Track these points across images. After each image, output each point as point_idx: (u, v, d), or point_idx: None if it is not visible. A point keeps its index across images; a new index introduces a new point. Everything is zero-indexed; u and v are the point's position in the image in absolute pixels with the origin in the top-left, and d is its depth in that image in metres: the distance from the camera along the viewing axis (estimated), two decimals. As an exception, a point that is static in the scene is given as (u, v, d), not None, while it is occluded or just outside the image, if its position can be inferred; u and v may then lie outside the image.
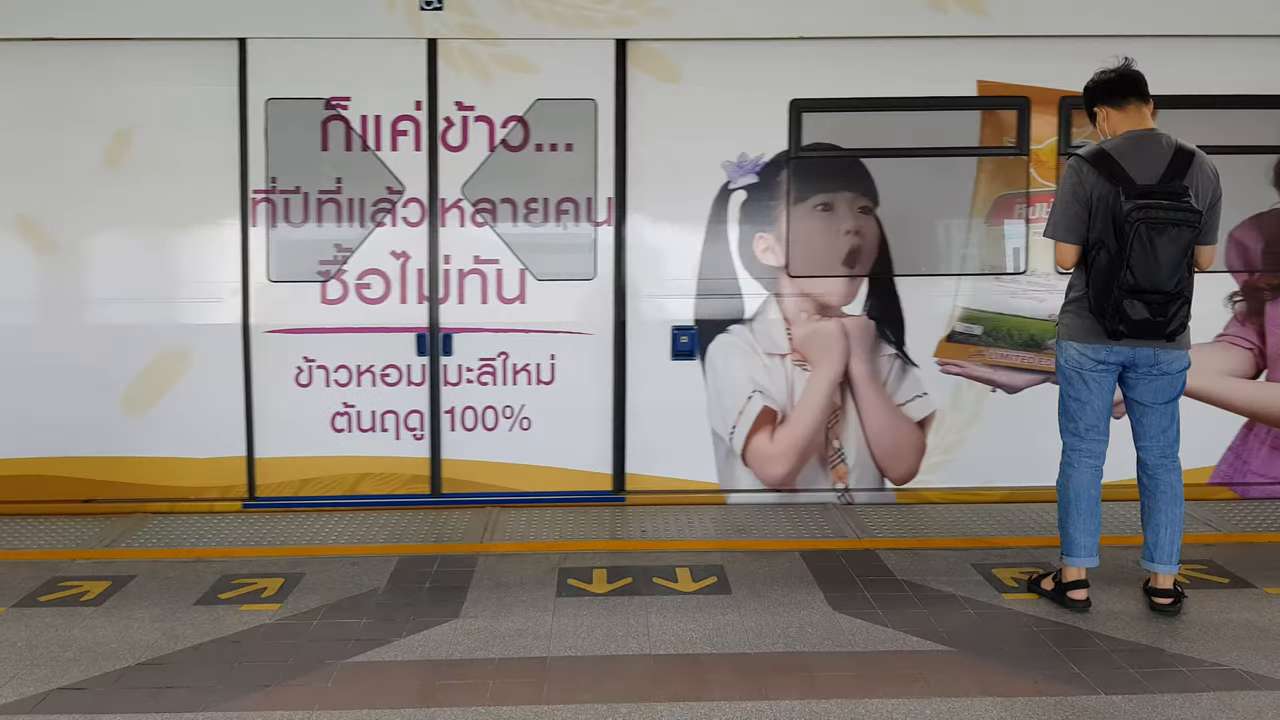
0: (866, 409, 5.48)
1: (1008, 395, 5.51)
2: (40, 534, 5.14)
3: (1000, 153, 5.44)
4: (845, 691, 3.40)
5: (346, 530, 5.15)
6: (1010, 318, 5.45)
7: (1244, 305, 5.51)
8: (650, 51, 5.36)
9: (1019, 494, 5.53)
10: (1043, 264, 5.42)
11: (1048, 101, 5.40)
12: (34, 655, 3.72)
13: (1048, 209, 5.23)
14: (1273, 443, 5.58)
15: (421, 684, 3.48)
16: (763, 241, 5.43)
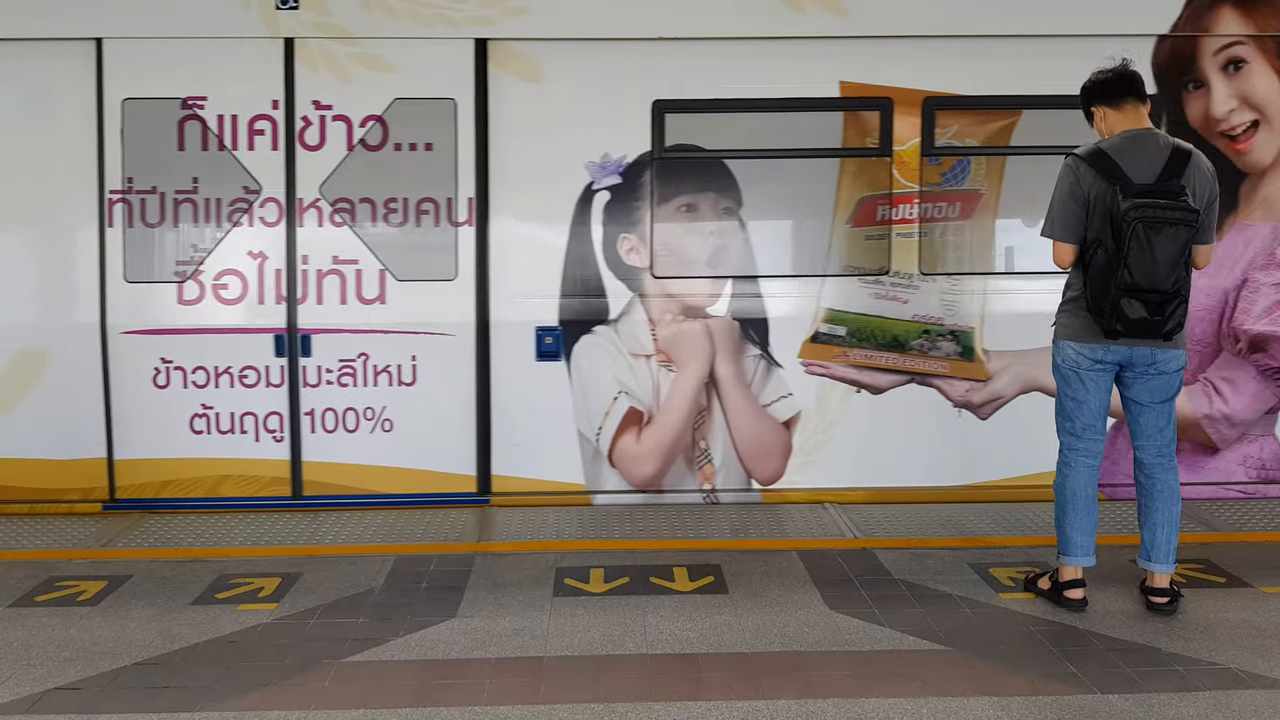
0: (732, 410, 5.48)
1: (873, 396, 5.51)
2: (37, 534, 5.13)
3: (863, 154, 5.43)
4: (842, 691, 3.40)
5: (343, 530, 5.15)
6: (873, 318, 5.44)
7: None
8: (511, 51, 5.35)
9: (883, 494, 5.54)
10: (905, 265, 5.43)
11: (911, 102, 5.39)
12: (30, 655, 3.72)
13: (910, 210, 5.40)
14: None
15: (418, 684, 3.48)
16: (627, 242, 5.43)
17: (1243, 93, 5.44)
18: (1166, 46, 5.42)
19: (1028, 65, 5.39)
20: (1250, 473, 5.60)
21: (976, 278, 5.47)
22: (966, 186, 5.46)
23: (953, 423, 5.51)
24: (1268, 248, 5.43)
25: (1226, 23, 5.40)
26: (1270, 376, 5.49)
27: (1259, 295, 5.45)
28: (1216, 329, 5.48)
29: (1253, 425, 5.56)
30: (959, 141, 5.43)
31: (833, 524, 5.21)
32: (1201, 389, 5.51)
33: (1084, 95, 4.17)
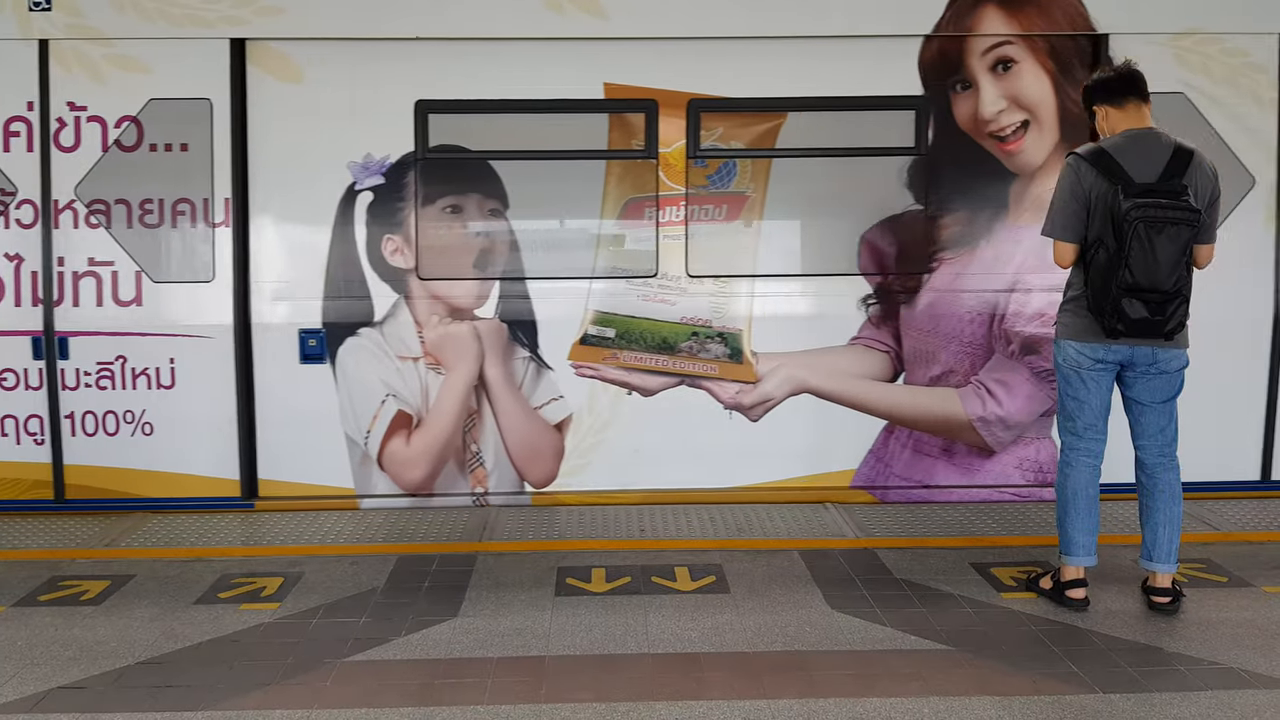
0: (502, 412, 5.46)
1: (644, 398, 5.49)
2: (40, 533, 5.15)
3: (629, 156, 5.42)
4: (843, 690, 3.41)
5: (346, 529, 5.16)
6: (642, 320, 5.43)
7: (878, 308, 5.49)
8: (271, 51, 5.34)
9: (656, 496, 5.53)
10: (673, 267, 5.42)
11: (676, 104, 5.38)
12: (34, 654, 3.73)
13: (677, 212, 5.40)
14: (914, 446, 5.57)
15: (421, 683, 3.49)
16: (391, 243, 5.40)
17: (1012, 93, 5.41)
18: (934, 47, 5.39)
19: (793, 67, 5.39)
20: (1027, 475, 5.58)
21: (744, 280, 5.46)
22: (733, 189, 5.45)
23: (724, 425, 5.50)
24: (1039, 249, 5.36)
25: (991, 23, 5.37)
26: (1044, 379, 5.46)
27: (1031, 297, 5.42)
28: (988, 331, 5.45)
29: (1028, 428, 5.54)
30: (725, 144, 5.42)
31: (834, 523, 5.22)
32: (974, 391, 5.49)
33: (1086, 94, 4.17)
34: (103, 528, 5.21)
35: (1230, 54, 5.44)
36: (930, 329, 5.47)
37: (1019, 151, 5.45)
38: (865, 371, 5.52)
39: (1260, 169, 5.49)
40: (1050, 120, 5.43)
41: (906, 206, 5.47)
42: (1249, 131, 5.47)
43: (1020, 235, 5.46)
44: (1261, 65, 5.45)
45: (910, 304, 5.48)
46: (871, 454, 5.59)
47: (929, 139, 5.43)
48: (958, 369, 5.49)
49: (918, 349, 5.49)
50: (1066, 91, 5.40)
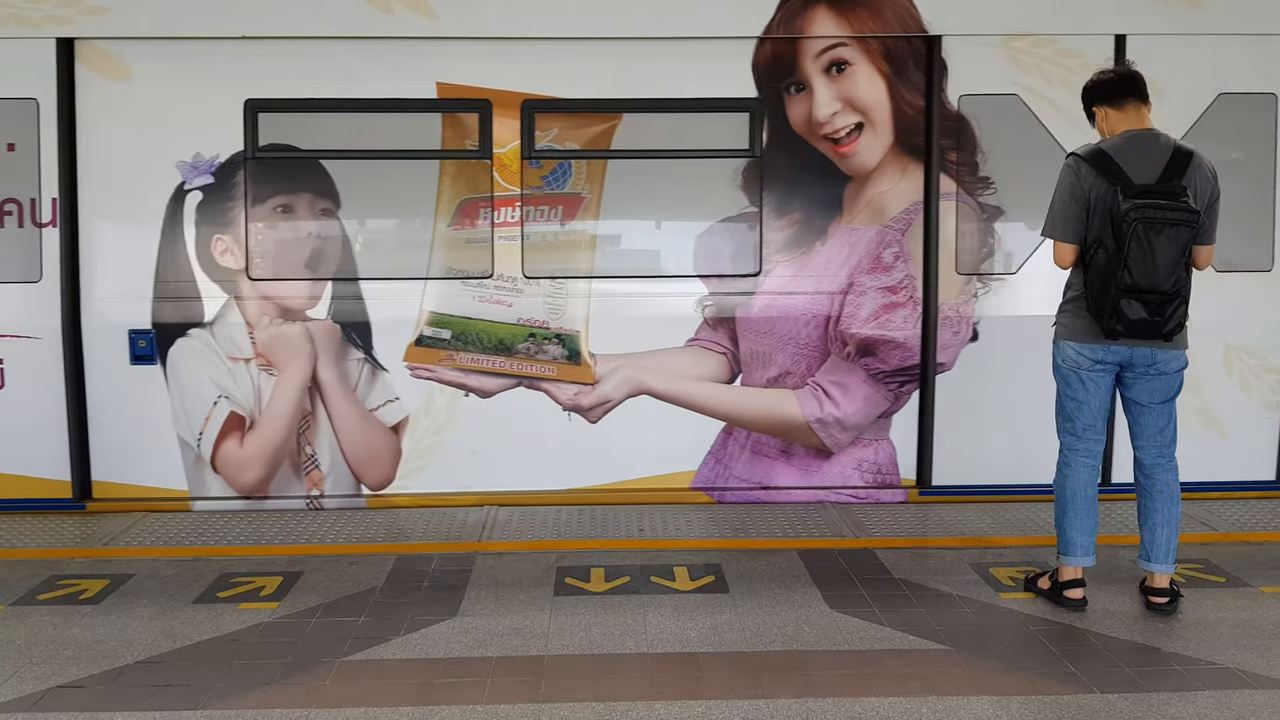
0: (337, 414, 5.43)
1: (481, 400, 5.48)
2: (39, 532, 5.15)
3: (463, 156, 5.39)
4: (842, 690, 3.41)
5: (345, 529, 5.16)
6: (478, 322, 5.40)
7: (714, 310, 5.47)
8: (99, 51, 5.29)
9: (492, 499, 5.53)
10: (509, 268, 5.40)
11: (510, 104, 5.37)
12: (33, 653, 3.73)
13: (512, 213, 5.39)
14: (753, 447, 5.57)
15: (420, 682, 3.49)
16: (221, 243, 5.37)
17: (846, 95, 5.39)
18: (767, 49, 5.37)
19: (628, 68, 5.38)
20: (866, 477, 5.58)
21: (580, 281, 5.44)
22: (568, 190, 5.43)
23: (563, 426, 5.49)
24: (874, 252, 5.40)
25: (822, 25, 5.35)
26: (881, 380, 5.47)
27: (866, 299, 5.42)
28: (824, 332, 5.45)
29: (866, 429, 5.54)
30: (560, 145, 5.41)
31: (833, 523, 5.22)
32: (811, 393, 5.48)
33: (1085, 95, 4.18)
34: (102, 526, 5.21)
35: (1065, 55, 5.42)
36: (766, 331, 5.46)
37: (853, 154, 5.42)
38: (703, 373, 5.51)
39: None
40: (884, 123, 5.41)
41: (742, 208, 5.46)
42: (1085, 134, 5.39)
43: (855, 237, 5.44)
44: (1098, 67, 5.40)
45: (746, 306, 5.47)
46: (711, 455, 5.58)
47: (763, 141, 5.41)
48: (794, 371, 5.48)
49: (754, 351, 5.48)
50: (901, 94, 5.40)
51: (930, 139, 5.40)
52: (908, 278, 5.42)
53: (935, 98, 5.39)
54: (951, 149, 5.42)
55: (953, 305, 5.45)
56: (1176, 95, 5.36)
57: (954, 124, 5.41)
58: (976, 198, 5.45)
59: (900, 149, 5.42)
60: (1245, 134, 5.47)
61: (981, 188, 5.45)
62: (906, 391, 5.52)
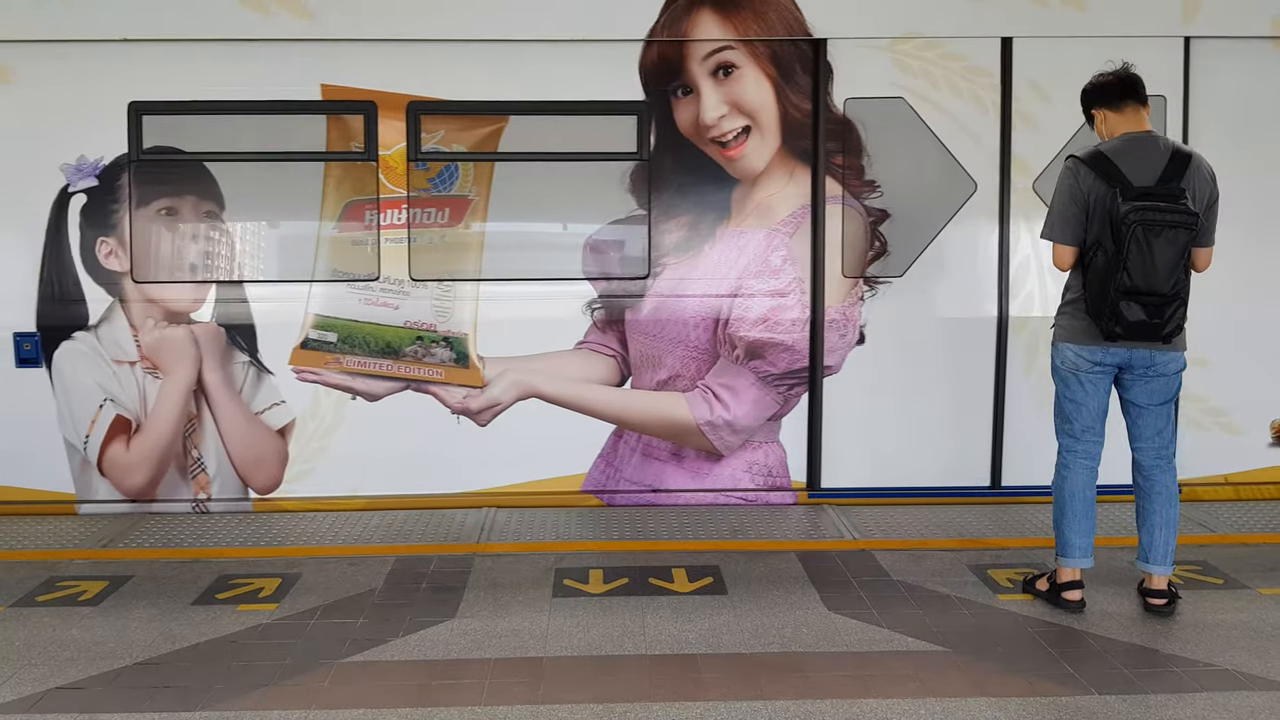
0: (223, 417, 5.42)
1: (369, 403, 5.45)
2: (38, 534, 5.15)
3: (348, 158, 5.37)
4: (840, 691, 3.41)
5: (344, 530, 5.16)
6: (364, 324, 5.38)
7: (603, 313, 5.47)
8: None
9: (382, 502, 5.51)
10: (395, 270, 5.38)
11: (395, 106, 5.36)
12: (31, 655, 3.73)
13: (399, 215, 5.38)
14: (643, 450, 5.55)
15: (418, 684, 3.49)
16: (106, 246, 5.34)
17: (733, 98, 5.37)
18: (653, 51, 5.36)
19: (514, 70, 5.38)
20: (756, 480, 5.58)
21: (468, 284, 5.42)
22: (455, 192, 5.42)
23: (453, 430, 5.47)
24: (762, 255, 5.40)
25: (706, 28, 5.33)
26: (770, 383, 5.47)
27: (754, 302, 5.42)
28: (713, 335, 5.44)
29: (756, 432, 5.54)
30: (446, 147, 5.41)
31: (831, 525, 5.23)
32: (701, 396, 5.48)
33: (1084, 98, 4.18)
34: (101, 528, 5.21)
35: (951, 58, 5.42)
36: (655, 333, 5.45)
37: (740, 157, 5.42)
38: (592, 376, 5.50)
39: (983, 174, 5.46)
40: (771, 126, 5.41)
41: (630, 211, 5.46)
42: (971, 136, 5.45)
43: (744, 241, 5.44)
44: (984, 69, 5.43)
45: (635, 309, 5.46)
46: (601, 458, 5.57)
47: (651, 144, 5.41)
48: (684, 373, 5.47)
49: (643, 353, 5.48)
50: (788, 97, 5.39)
51: (817, 142, 5.40)
52: (795, 281, 5.43)
53: (821, 101, 5.39)
54: (837, 152, 5.42)
55: (839, 308, 5.46)
56: (1063, 98, 5.37)
57: (840, 127, 5.41)
58: (862, 201, 5.45)
59: (787, 152, 5.41)
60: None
61: (868, 191, 5.45)
62: (796, 394, 5.52)
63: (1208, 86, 5.48)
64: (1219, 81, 5.48)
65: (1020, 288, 5.51)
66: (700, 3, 5.33)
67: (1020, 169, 5.46)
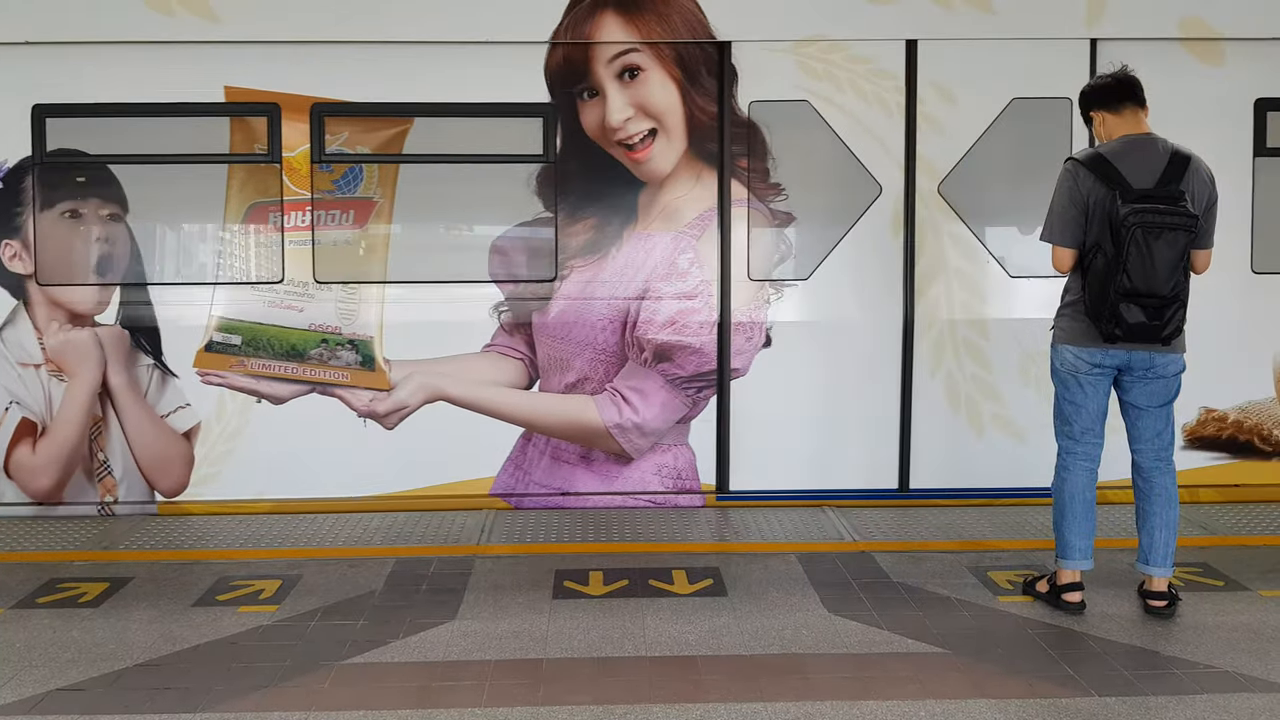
0: (128, 420, 5.41)
1: (275, 406, 5.44)
2: (38, 535, 5.15)
3: (251, 160, 5.37)
4: (841, 693, 3.41)
5: (344, 532, 5.16)
6: (269, 327, 5.38)
7: (510, 315, 5.47)
8: None
9: (289, 505, 5.49)
10: (300, 273, 5.37)
11: (299, 108, 5.35)
12: (32, 656, 3.73)
13: (303, 217, 5.37)
14: (552, 453, 5.55)
15: (418, 685, 3.49)
16: (10, 249, 5.33)
17: (639, 101, 5.37)
18: (559, 54, 5.36)
19: (419, 72, 5.37)
20: (666, 482, 5.57)
21: (373, 286, 5.42)
22: (359, 194, 5.42)
23: (360, 433, 5.47)
24: (669, 257, 5.40)
25: (609, 30, 5.33)
26: (679, 386, 5.46)
27: (661, 305, 5.41)
28: (621, 338, 5.44)
29: (665, 435, 5.52)
30: (351, 149, 5.42)
31: (831, 527, 5.23)
32: (610, 398, 5.47)
33: (1083, 100, 4.18)
34: (101, 530, 5.22)
35: (856, 61, 5.42)
36: (563, 336, 5.46)
37: (647, 160, 5.41)
38: (500, 379, 5.50)
39: (887, 177, 5.47)
40: (678, 129, 5.40)
41: (537, 214, 5.45)
42: (876, 139, 5.45)
43: (651, 244, 5.44)
44: (889, 72, 5.44)
45: (542, 311, 5.46)
46: (510, 462, 5.56)
47: (557, 146, 5.41)
48: (592, 376, 5.47)
49: (551, 356, 5.48)
50: (694, 100, 5.39)
51: (722, 145, 5.40)
52: (703, 284, 5.43)
53: (726, 104, 5.39)
54: (742, 155, 5.42)
55: (746, 311, 5.46)
56: (968, 100, 5.42)
57: (745, 130, 5.42)
58: (768, 204, 5.45)
59: (694, 155, 5.41)
60: (1040, 139, 5.45)
61: (773, 194, 5.45)
62: (704, 397, 5.51)
63: None
64: None
65: (926, 290, 5.52)
66: (603, 5, 5.34)
67: (926, 171, 5.47)
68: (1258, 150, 5.50)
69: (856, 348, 5.53)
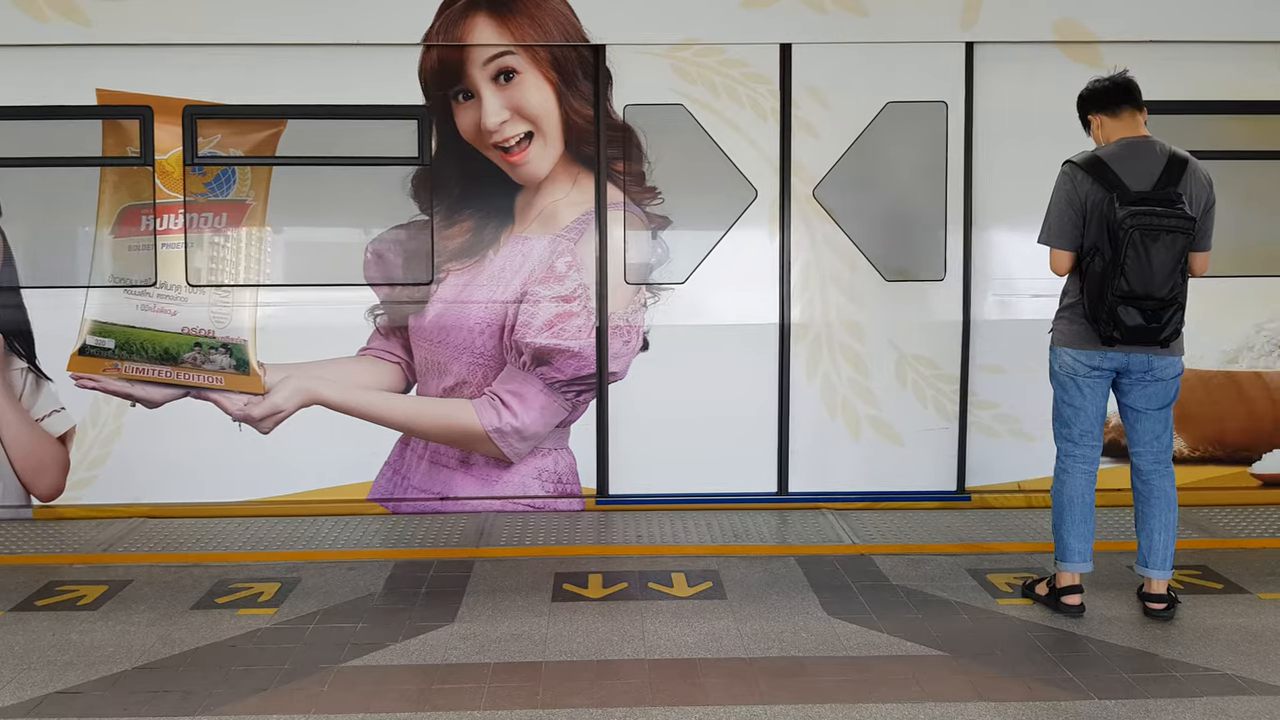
0: (2, 424, 5.37)
1: (149, 410, 5.42)
2: (37, 538, 5.15)
3: (124, 163, 5.35)
4: (840, 696, 3.41)
5: (343, 535, 5.16)
6: (142, 330, 5.36)
7: (386, 319, 5.45)
8: None
9: (166, 510, 5.46)
10: (173, 276, 5.36)
11: (171, 111, 5.33)
12: (31, 659, 3.73)
13: (175, 220, 5.35)
14: (431, 457, 5.52)
15: (418, 688, 3.49)
16: None
17: (514, 104, 5.36)
18: (433, 56, 5.34)
19: (292, 74, 5.37)
20: (546, 486, 5.55)
21: (247, 289, 5.40)
22: (232, 197, 5.41)
23: (236, 437, 5.44)
24: (546, 260, 5.40)
25: (481, 33, 5.32)
26: (558, 390, 5.46)
27: (539, 308, 5.40)
28: (499, 342, 5.43)
29: (545, 439, 5.51)
30: (224, 151, 5.41)
31: (830, 530, 5.23)
32: (489, 402, 5.46)
33: (1081, 103, 4.19)
34: (100, 532, 5.21)
35: (730, 65, 5.41)
36: (440, 340, 5.44)
37: (524, 163, 5.40)
38: (376, 383, 5.47)
39: (763, 181, 5.47)
40: (554, 132, 5.40)
41: (412, 216, 5.45)
42: (751, 143, 5.45)
43: (528, 247, 5.43)
44: (764, 76, 5.42)
45: (419, 315, 5.44)
46: (388, 466, 5.53)
47: (432, 149, 5.40)
48: (470, 380, 5.45)
49: (429, 360, 5.46)
50: (570, 103, 5.38)
51: (599, 149, 5.41)
52: (581, 287, 5.43)
53: (602, 107, 5.40)
54: (618, 159, 5.42)
55: (623, 315, 5.46)
56: (842, 104, 5.43)
57: (620, 134, 5.41)
58: (644, 208, 5.45)
59: (571, 158, 5.41)
60: (915, 142, 5.47)
61: (649, 198, 5.45)
62: (584, 401, 5.51)
63: (991, 91, 5.48)
64: (1002, 86, 5.48)
65: (802, 294, 5.52)
66: (475, 7, 5.32)
67: (800, 175, 5.47)
68: None
69: (734, 351, 5.52)
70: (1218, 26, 5.44)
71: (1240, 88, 5.49)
